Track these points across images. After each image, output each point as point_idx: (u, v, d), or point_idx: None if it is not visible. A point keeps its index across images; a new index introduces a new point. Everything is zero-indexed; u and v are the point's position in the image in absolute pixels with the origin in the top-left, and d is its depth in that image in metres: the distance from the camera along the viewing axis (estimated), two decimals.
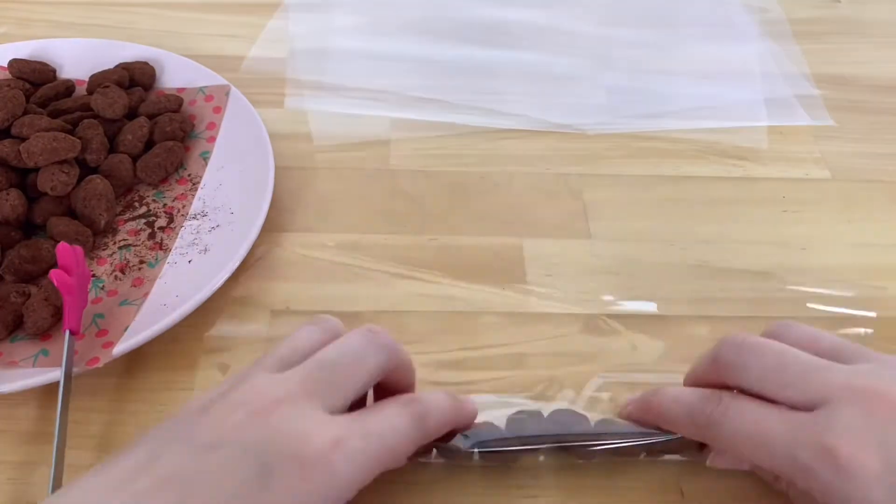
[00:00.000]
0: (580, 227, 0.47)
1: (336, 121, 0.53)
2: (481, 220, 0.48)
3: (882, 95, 0.57)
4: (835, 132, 0.54)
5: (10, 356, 0.39)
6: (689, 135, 0.54)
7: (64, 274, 0.38)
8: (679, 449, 0.36)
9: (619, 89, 0.57)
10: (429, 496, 0.35)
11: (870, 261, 0.46)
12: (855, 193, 0.50)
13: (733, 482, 0.36)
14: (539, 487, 0.36)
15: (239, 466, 0.27)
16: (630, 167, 0.51)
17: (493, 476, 0.36)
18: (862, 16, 0.64)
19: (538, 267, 0.45)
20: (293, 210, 0.47)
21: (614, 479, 0.36)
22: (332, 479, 0.28)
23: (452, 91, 0.56)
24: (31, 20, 0.59)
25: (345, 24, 0.61)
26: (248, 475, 0.27)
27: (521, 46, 0.60)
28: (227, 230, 0.44)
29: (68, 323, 0.38)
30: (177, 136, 0.49)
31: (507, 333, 0.42)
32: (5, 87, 0.48)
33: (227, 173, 0.48)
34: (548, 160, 0.51)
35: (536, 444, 0.36)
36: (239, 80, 0.52)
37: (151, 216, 0.46)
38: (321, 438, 0.28)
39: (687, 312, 0.43)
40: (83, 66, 0.52)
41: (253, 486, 0.27)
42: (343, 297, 0.43)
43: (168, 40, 0.56)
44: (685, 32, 0.62)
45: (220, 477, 0.27)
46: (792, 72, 0.59)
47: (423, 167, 0.51)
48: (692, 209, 0.49)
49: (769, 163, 0.52)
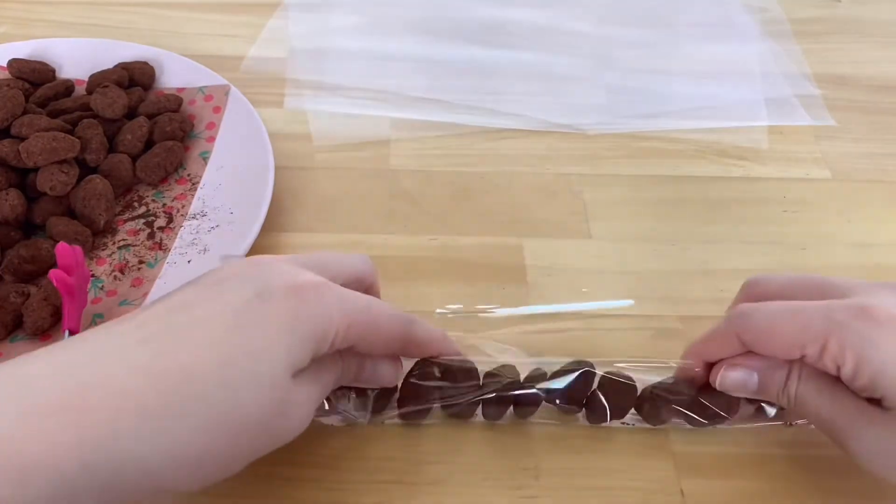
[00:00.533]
0: (580, 227, 0.47)
1: (336, 121, 0.53)
2: (481, 220, 0.48)
3: (882, 95, 0.57)
4: (835, 132, 0.54)
5: (10, 356, 0.38)
6: (689, 135, 0.53)
7: (63, 274, 0.38)
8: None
9: (619, 89, 0.57)
10: (429, 496, 0.35)
11: (870, 261, 0.46)
12: (855, 193, 0.50)
13: (733, 482, 0.36)
14: (539, 487, 0.36)
15: (240, 291, 0.30)
16: (630, 167, 0.51)
17: (493, 476, 0.36)
18: (862, 15, 0.64)
19: (538, 267, 0.45)
20: (293, 210, 0.47)
21: (614, 479, 0.36)
22: (321, 303, 0.31)
23: (452, 91, 0.56)
24: (30, 20, 0.59)
25: (345, 23, 0.61)
26: (248, 295, 0.30)
27: (521, 46, 0.60)
28: (226, 230, 0.44)
29: (68, 323, 0.38)
30: (176, 136, 0.49)
31: (507, 334, 0.42)
32: (5, 86, 0.48)
33: (226, 173, 0.47)
34: (548, 160, 0.51)
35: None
36: (238, 80, 0.52)
37: (151, 216, 0.46)
38: (314, 278, 0.32)
39: (687, 312, 0.43)
40: (82, 65, 0.52)
41: (253, 302, 0.30)
42: None
43: (168, 40, 0.56)
44: (685, 32, 0.62)
45: (222, 298, 0.30)
46: (792, 71, 0.59)
47: (423, 167, 0.50)
48: (692, 209, 0.49)
49: (769, 163, 0.52)
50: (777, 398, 0.35)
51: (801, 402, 0.34)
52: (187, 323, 0.29)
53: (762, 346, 0.34)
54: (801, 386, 0.34)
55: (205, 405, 0.28)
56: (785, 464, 0.37)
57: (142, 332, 0.29)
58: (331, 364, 0.33)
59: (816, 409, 0.33)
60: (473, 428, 0.38)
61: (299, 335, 0.30)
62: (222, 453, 0.29)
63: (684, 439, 0.37)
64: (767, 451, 0.37)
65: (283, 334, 0.30)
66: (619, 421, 0.37)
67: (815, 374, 0.33)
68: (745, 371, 0.35)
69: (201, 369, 0.28)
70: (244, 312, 0.29)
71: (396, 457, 0.37)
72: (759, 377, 0.35)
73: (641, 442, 0.37)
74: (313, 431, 0.37)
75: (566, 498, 0.36)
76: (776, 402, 0.35)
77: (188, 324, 0.29)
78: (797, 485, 0.36)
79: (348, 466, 0.36)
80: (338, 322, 0.31)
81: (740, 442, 0.37)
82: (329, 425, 0.37)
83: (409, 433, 0.37)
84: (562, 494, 0.36)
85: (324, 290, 0.31)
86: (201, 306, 0.30)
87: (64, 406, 0.26)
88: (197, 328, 0.29)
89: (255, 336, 0.29)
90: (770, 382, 0.34)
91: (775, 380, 0.34)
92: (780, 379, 0.34)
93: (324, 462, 0.36)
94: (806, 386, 0.34)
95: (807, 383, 0.34)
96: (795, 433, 0.38)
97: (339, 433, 0.37)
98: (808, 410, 0.34)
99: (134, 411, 0.27)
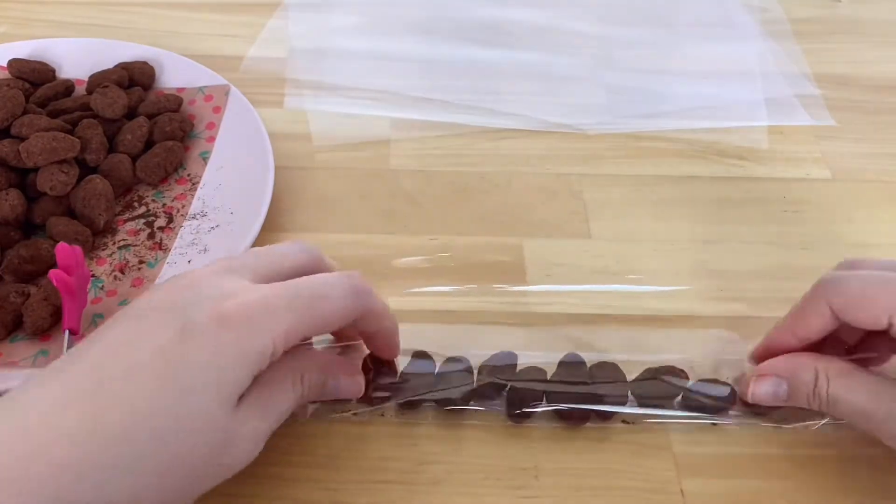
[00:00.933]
0: (580, 227, 0.47)
1: (336, 121, 0.53)
2: (481, 220, 0.47)
3: (882, 95, 0.57)
4: (835, 132, 0.54)
5: (10, 356, 0.39)
6: (689, 135, 0.53)
7: (63, 274, 0.38)
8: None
9: (619, 89, 0.57)
10: (428, 496, 0.35)
11: None
12: (855, 193, 0.50)
13: (733, 482, 0.36)
14: (539, 487, 0.36)
15: (163, 330, 0.29)
16: (630, 167, 0.51)
17: (493, 476, 0.36)
18: (862, 15, 0.64)
19: (538, 267, 0.45)
20: (293, 210, 0.47)
21: (614, 479, 0.36)
22: (251, 327, 0.30)
23: (452, 91, 0.56)
24: (30, 20, 0.59)
25: (345, 23, 0.61)
26: (168, 334, 0.29)
27: (521, 46, 0.60)
28: (226, 230, 0.44)
29: (68, 323, 0.38)
30: (176, 136, 0.49)
31: (507, 334, 0.42)
32: (5, 86, 0.48)
33: (226, 173, 0.47)
34: (548, 160, 0.51)
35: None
36: (238, 80, 0.52)
37: (151, 216, 0.46)
38: (241, 300, 0.30)
39: (686, 312, 0.43)
40: (82, 65, 0.52)
41: (173, 341, 0.29)
42: None
43: (167, 40, 0.56)
44: (685, 32, 0.62)
45: (148, 339, 0.29)
46: (792, 71, 0.59)
47: (423, 167, 0.50)
48: (692, 209, 0.49)
49: (769, 163, 0.52)
50: (808, 402, 0.35)
51: (835, 401, 0.34)
52: (115, 375, 0.28)
53: (852, 314, 0.34)
54: (831, 385, 0.34)
55: (141, 459, 0.28)
56: (785, 464, 0.37)
57: (71, 393, 0.28)
58: (285, 389, 0.33)
59: (852, 405, 0.34)
60: (473, 428, 0.38)
61: (231, 367, 0.30)
62: (170, 498, 0.29)
63: (684, 439, 0.37)
64: (767, 451, 0.37)
65: (212, 371, 0.29)
66: (621, 420, 0.38)
67: (842, 371, 0.34)
68: (774, 381, 0.35)
69: (133, 424, 0.28)
70: (170, 354, 0.29)
71: (396, 457, 0.37)
72: (787, 384, 0.35)
73: (641, 442, 0.37)
74: (313, 431, 0.37)
75: (566, 498, 0.36)
76: (808, 406, 0.35)
77: (116, 376, 0.28)
78: (797, 485, 0.36)
79: (348, 466, 0.36)
80: (276, 338, 0.30)
81: (740, 442, 0.37)
82: (329, 424, 0.37)
83: (409, 433, 0.37)
84: (562, 494, 0.36)
85: (252, 309, 0.30)
86: (128, 352, 0.29)
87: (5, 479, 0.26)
88: (125, 380, 0.28)
89: (183, 379, 0.29)
90: (800, 387, 0.35)
91: (804, 384, 0.35)
92: (808, 382, 0.34)
93: (323, 462, 0.36)
94: (836, 384, 0.34)
95: (836, 381, 0.34)
96: (795, 433, 0.38)
97: (340, 433, 0.37)
98: (842, 409, 0.34)
99: (73, 479, 0.27)
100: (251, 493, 0.35)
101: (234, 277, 0.32)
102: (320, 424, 0.37)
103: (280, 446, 0.36)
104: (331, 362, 0.35)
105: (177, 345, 0.29)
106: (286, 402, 0.33)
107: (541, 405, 0.37)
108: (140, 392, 0.28)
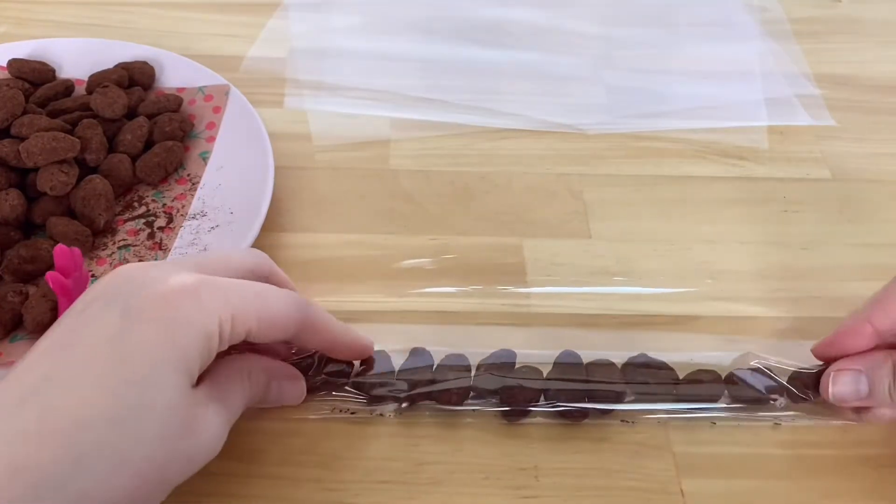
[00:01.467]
0: (580, 227, 0.47)
1: (336, 121, 0.53)
2: (481, 220, 0.47)
3: (882, 95, 0.57)
4: (835, 132, 0.54)
5: (10, 356, 0.39)
6: (689, 135, 0.53)
7: (60, 276, 0.38)
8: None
9: (619, 89, 0.57)
10: (428, 496, 0.35)
11: (870, 261, 0.46)
12: (855, 193, 0.50)
13: (733, 482, 0.36)
14: (539, 487, 0.36)
15: (106, 315, 0.29)
16: (630, 167, 0.51)
17: (493, 476, 0.36)
18: (862, 15, 0.64)
19: (538, 267, 0.45)
20: (293, 210, 0.47)
21: (614, 479, 0.36)
22: (197, 304, 0.29)
23: (452, 91, 0.56)
24: (30, 20, 0.59)
25: (345, 23, 0.61)
26: (111, 320, 0.28)
27: (521, 46, 0.60)
28: (226, 230, 0.44)
29: None
30: (176, 136, 0.49)
31: (507, 334, 0.42)
32: (4, 86, 0.48)
33: (226, 173, 0.47)
34: (548, 160, 0.51)
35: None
36: (238, 80, 0.52)
37: (151, 216, 0.46)
38: (185, 279, 0.30)
39: (686, 312, 0.43)
40: (82, 65, 0.52)
41: (117, 328, 0.28)
42: (343, 297, 0.43)
43: (167, 40, 0.56)
44: (685, 32, 0.62)
45: (94, 327, 0.29)
46: (792, 71, 0.59)
47: (423, 167, 0.50)
48: (692, 209, 0.49)
49: (769, 163, 0.52)
50: (887, 397, 0.33)
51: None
52: (69, 364, 0.28)
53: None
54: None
55: (104, 451, 0.27)
56: (785, 464, 0.37)
57: (23, 389, 0.27)
58: (237, 383, 0.32)
59: None
60: (473, 428, 0.38)
61: (181, 346, 0.29)
62: (137, 490, 0.28)
63: (684, 439, 0.37)
64: (767, 451, 0.37)
65: (164, 350, 0.28)
66: (620, 419, 0.38)
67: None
68: (854, 375, 0.34)
69: (91, 414, 0.27)
70: (118, 339, 0.28)
71: (396, 457, 0.37)
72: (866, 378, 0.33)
73: (641, 442, 0.37)
74: (313, 431, 0.37)
75: (566, 498, 0.36)
76: (886, 404, 0.34)
77: (70, 365, 0.28)
78: (797, 485, 0.36)
79: (348, 466, 0.36)
80: (222, 317, 0.29)
81: (740, 442, 0.37)
82: (329, 424, 0.37)
83: (409, 433, 0.37)
84: (562, 494, 0.36)
85: (198, 288, 0.30)
86: (78, 342, 0.28)
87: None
88: (79, 369, 0.28)
89: (135, 362, 0.28)
90: (879, 383, 0.33)
91: (882, 378, 0.33)
92: (886, 376, 0.33)
93: (324, 462, 0.36)
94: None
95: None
96: (795, 433, 0.38)
97: (340, 433, 0.37)
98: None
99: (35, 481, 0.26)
100: (251, 493, 0.35)
101: (175, 268, 0.31)
102: (320, 424, 0.37)
103: (280, 446, 0.36)
104: (274, 366, 0.35)
105: (121, 328, 0.28)
106: (240, 396, 0.32)
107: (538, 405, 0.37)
108: (89, 380, 0.27)
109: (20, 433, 0.26)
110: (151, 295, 0.29)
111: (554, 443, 0.37)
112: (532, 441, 0.37)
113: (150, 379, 0.28)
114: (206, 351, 0.30)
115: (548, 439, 0.37)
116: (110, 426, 0.27)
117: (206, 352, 0.30)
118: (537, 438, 0.37)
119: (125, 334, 0.28)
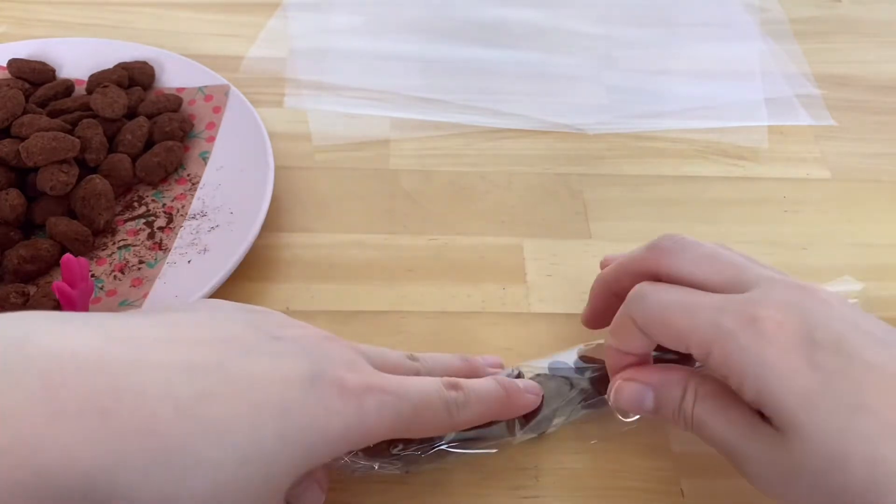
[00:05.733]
0: (580, 227, 0.47)
1: (336, 121, 0.53)
2: (481, 220, 0.48)
3: (882, 95, 0.57)
4: (835, 132, 0.54)
5: None
6: (689, 135, 0.54)
7: (66, 287, 0.38)
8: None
9: (619, 89, 0.57)
10: (428, 496, 0.35)
11: (870, 261, 0.46)
12: (855, 193, 0.50)
13: (733, 482, 0.36)
14: (539, 487, 0.36)
15: (296, 361, 0.29)
16: (630, 167, 0.51)
17: (493, 476, 0.36)
18: (862, 15, 0.64)
19: (538, 267, 0.45)
20: (293, 210, 0.47)
21: (614, 479, 0.36)
22: (359, 414, 0.29)
23: (452, 91, 0.56)
24: (30, 20, 0.59)
25: (344, 23, 0.61)
26: (302, 371, 0.29)
27: (521, 46, 0.60)
28: (226, 230, 0.44)
29: None
30: (176, 136, 0.49)
31: (507, 334, 0.42)
32: (5, 86, 0.48)
33: (226, 173, 0.47)
34: (548, 160, 0.51)
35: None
36: (238, 80, 0.52)
37: (151, 216, 0.46)
38: (363, 377, 0.30)
39: None
40: (82, 65, 0.52)
41: (305, 382, 0.29)
42: (343, 297, 0.43)
43: (167, 40, 0.56)
44: (685, 32, 0.62)
45: (279, 359, 0.29)
46: (792, 71, 0.59)
47: (423, 167, 0.50)
48: (692, 209, 0.49)
49: (769, 163, 0.52)
50: (674, 419, 0.32)
51: (699, 424, 0.31)
52: (242, 386, 0.28)
53: (654, 335, 0.32)
54: (697, 406, 0.31)
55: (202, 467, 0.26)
56: None
57: (192, 359, 0.28)
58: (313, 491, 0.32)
59: (712, 432, 0.31)
60: None
61: (328, 441, 0.29)
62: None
63: (684, 439, 0.37)
64: None
65: (311, 433, 0.28)
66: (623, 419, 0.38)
67: (711, 393, 0.31)
68: (640, 386, 0.33)
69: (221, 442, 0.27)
70: (294, 389, 0.28)
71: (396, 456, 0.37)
72: (654, 394, 0.33)
73: (641, 442, 0.37)
74: None
75: (566, 498, 0.36)
76: (674, 424, 0.33)
77: (243, 387, 0.28)
78: None
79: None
80: (371, 430, 0.30)
81: None
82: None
83: None
84: (562, 494, 0.36)
85: (368, 398, 0.30)
86: (258, 374, 0.28)
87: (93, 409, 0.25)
88: (250, 392, 0.28)
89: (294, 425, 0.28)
90: (666, 400, 0.32)
91: (671, 398, 0.32)
92: (675, 397, 0.32)
93: None
94: (702, 406, 0.31)
95: (703, 403, 0.31)
96: None
97: None
98: (706, 434, 0.31)
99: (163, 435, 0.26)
100: None
101: (356, 353, 0.32)
102: None
103: None
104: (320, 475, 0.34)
105: (307, 387, 0.29)
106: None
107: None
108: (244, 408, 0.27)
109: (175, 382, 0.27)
110: (332, 376, 0.29)
111: (554, 443, 0.37)
112: (532, 441, 0.37)
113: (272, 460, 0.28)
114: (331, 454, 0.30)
115: (548, 439, 0.37)
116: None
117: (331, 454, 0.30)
118: (537, 438, 0.37)
119: (305, 392, 0.28)
